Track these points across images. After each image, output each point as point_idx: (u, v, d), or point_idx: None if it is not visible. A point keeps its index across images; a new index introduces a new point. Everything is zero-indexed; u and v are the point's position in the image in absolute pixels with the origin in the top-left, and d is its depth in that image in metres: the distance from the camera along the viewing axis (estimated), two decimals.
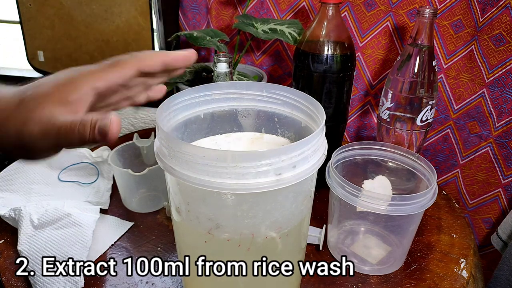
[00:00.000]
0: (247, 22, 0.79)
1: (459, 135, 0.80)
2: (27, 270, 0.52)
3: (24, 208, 0.58)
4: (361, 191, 0.51)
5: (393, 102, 0.68)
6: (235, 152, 0.34)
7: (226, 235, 0.39)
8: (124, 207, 0.68)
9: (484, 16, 0.70)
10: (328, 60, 0.63)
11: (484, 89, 0.74)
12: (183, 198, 0.40)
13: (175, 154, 0.36)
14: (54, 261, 0.52)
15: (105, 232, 0.61)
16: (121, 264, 0.56)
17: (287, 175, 0.35)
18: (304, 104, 0.45)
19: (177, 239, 0.46)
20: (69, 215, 0.58)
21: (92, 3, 0.96)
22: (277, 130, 0.50)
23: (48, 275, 0.51)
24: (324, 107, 0.43)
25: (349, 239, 0.60)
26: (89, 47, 1.01)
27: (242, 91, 0.48)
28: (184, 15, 0.91)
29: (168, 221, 0.65)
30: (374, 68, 0.84)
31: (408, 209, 0.50)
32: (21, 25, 1.01)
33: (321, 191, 0.60)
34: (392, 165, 0.61)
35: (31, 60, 1.05)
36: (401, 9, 0.78)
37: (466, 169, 0.80)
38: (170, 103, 0.44)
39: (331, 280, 0.55)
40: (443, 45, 0.77)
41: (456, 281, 0.55)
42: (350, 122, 0.91)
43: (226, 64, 0.60)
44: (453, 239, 0.63)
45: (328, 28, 0.63)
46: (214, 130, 0.50)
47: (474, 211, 0.79)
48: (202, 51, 0.96)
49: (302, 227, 0.44)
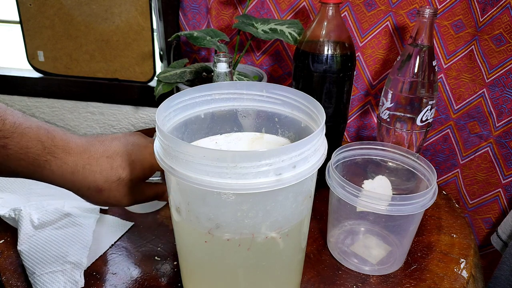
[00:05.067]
0: (247, 22, 0.79)
1: (459, 135, 0.80)
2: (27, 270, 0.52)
3: (24, 208, 0.58)
4: (361, 191, 0.51)
5: (393, 102, 0.68)
6: (235, 152, 0.34)
7: (226, 235, 0.39)
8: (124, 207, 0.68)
9: (484, 16, 0.71)
10: (328, 60, 0.63)
11: (484, 89, 0.74)
12: (183, 198, 0.40)
13: (175, 154, 0.36)
14: (54, 261, 0.52)
15: (105, 232, 0.61)
16: (121, 264, 0.56)
17: (287, 175, 0.35)
18: (304, 104, 0.45)
19: (177, 239, 0.46)
20: (69, 215, 0.58)
21: (92, 3, 0.96)
22: (277, 130, 0.50)
23: (48, 275, 0.51)
24: (324, 107, 0.43)
25: (349, 239, 0.60)
26: (89, 47, 1.01)
27: (242, 91, 0.48)
28: (184, 15, 0.91)
29: (168, 221, 0.65)
30: (374, 68, 0.84)
31: (408, 209, 0.50)
32: (21, 25, 1.01)
33: (321, 191, 0.60)
34: (392, 165, 0.61)
35: (31, 60, 1.05)
36: (401, 9, 0.78)
37: (466, 169, 0.80)
38: (170, 103, 0.44)
39: (331, 280, 0.55)
40: (443, 45, 0.77)
41: (456, 281, 0.55)
42: (350, 122, 0.91)
43: (226, 64, 0.60)
44: (453, 239, 0.63)
45: (328, 28, 0.63)
46: (214, 130, 0.50)
47: (474, 211, 0.79)
48: (202, 51, 0.96)
49: (302, 227, 0.44)
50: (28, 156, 0.40)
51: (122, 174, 0.46)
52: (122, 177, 0.46)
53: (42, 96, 1.10)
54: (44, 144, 0.41)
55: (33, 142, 0.41)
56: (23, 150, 0.40)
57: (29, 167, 0.41)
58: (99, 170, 0.45)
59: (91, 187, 0.45)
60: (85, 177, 0.44)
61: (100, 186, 0.45)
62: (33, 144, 0.40)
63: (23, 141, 0.40)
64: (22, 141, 0.40)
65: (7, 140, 0.39)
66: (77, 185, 0.44)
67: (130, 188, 0.47)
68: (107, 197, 0.46)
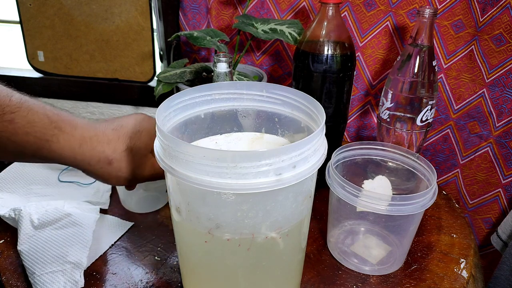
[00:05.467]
0: (247, 22, 0.79)
1: (459, 135, 0.80)
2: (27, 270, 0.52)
3: (24, 208, 0.58)
4: (361, 191, 0.51)
5: (393, 102, 0.68)
6: (235, 152, 0.34)
7: (226, 235, 0.39)
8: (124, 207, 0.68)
9: (484, 16, 0.70)
10: (328, 60, 0.63)
11: (484, 89, 0.74)
12: (183, 198, 0.40)
13: (175, 154, 0.36)
14: (54, 261, 0.52)
15: (105, 232, 0.61)
16: (121, 264, 0.56)
17: (287, 175, 0.35)
18: (304, 104, 0.45)
19: (177, 239, 0.46)
20: (69, 215, 0.58)
21: (92, 3, 0.96)
22: (277, 130, 0.50)
23: (48, 275, 0.51)
24: (324, 107, 0.43)
25: (349, 239, 0.60)
26: (89, 47, 1.01)
27: (242, 91, 0.48)
28: (184, 15, 0.91)
29: (168, 221, 0.65)
30: (374, 68, 0.84)
31: (408, 209, 0.50)
32: (21, 25, 1.01)
33: (321, 191, 0.60)
34: (392, 165, 0.61)
35: (31, 60, 1.05)
36: (401, 9, 0.78)
37: (466, 169, 0.80)
38: (170, 103, 0.44)
39: (331, 280, 0.55)
40: (443, 45, 0.77)
41: (456, 281, 0.55)
42: (350, 122, 0.91)
43: (226, 64, 0.60)
44: (453, 239, 0.63)
45: (328, 28, 0.63)
46: (214, 130, 0.50)
47: (474, 211, 0.79)
48: (202, 51, 0.96)
49: (302, 227, 0.44)
50: (35, 130, 0.41)
51: (130, 143, 0.46)
52: (130, 146, 0.46)
53: (42, 96, 1.10)
54: (50, 119, 0.42)
55: (39, 116, 0.41)
56: (30, 124, 0.40)
57: (37, 142, 0.41)
58: (107, 140, 0.45)
59: (101, 158, 0.45)
60: (93, 147, 0.44)
61: (110, 156, 0.45)
62: (40, 119, 0.41)
63: (29, 116, 0.40)
64: (29, 116, 0.40)
65: (13, 115, 0.39)
66: (87, 158, 0.44)
67: (139, 159, 0.47)
68: (118, 168, 0.46)
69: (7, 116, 0.39)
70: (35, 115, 0.41)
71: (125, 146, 0.46)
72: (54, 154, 0.43)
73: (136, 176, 0.49)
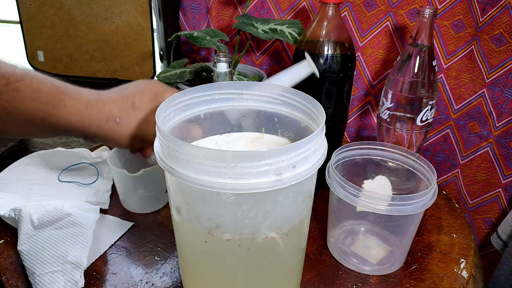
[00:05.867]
0: (247, 22, 0.79)
1: (459, 135, 0.80)
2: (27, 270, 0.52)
3: (24, 208, 0.58)
4: (361, 191, 0.51)
5: (393, 102, 0.68)
6: (235, 152, 0.34)
7: (226, 235, 0.39)
8: (124, 207, 0.68)
9: (484, 16, 0.70)
10: (328, 60, 0.63)
11: (484, 89, 0.74)
12: (183, 198, 0.40)
13: (175, 154, 0.36)
14: (54, 261, 0.52)
15: (105, 232, 0.61)
16: (121, 264, 0.56)
17: (287, 175, 0.35)
18: (304, 104, 0.45)
19: (177, 239, 0.46)
20: (69, 215, 0.58)
21: (92, 3, 0.96)
22: (277, 130, 0.50)
23: (48, 275, 0.51)
24: (324, 107, 0.43)
25: (349, 239, 0.60)
26: (89, 47, 1.01)
27: (242, 91, 0.48)
28: (184, 15, 0.91)
29: (168, 221, 0.65)
30: (374, 68, 0.84)
31: (408, 209, 0.50)
32: (21, 25, 1.02)
33: (321, 191, 0.60)
34: (392, 165, 0.61)
35: (31, 60, 1.05)
36: (401, 9, 0.78)
37: (466, 169, 0.80)
38: (170, 103, 0.44)
39: (331, 280, 0.55)
40: (443, 45, 0.77)
41: (456, 281, 0.55)
42: (350, 122, 0.91)
43: (226, 64, 0.60)
44: (453, 239, 0.63)
45: (328, 28, 0.63)
46: (214, 130, 0.50)
47: (474, 211, 0.79)
48: (202, 51, 0.96)
49: (302, 227, 0.44)
50: (42, 96, 0.41)
51: (135, 100, 0.48)
52: (135, 103, 0.48)
53: None
54: (55, 86, 0.43)
55: (45, 84, 0.42)
56: (36, 91, 0.41)
57: (44, 109, 0.42)
58: (111, 100, 0.47)
59: (109, 118, 0.46)
60: (99, 109, 0.45)
61: (117, 114, 0.46)
62: (45, 86, 0.42)
63: (34, 83, 0.41)
64: (34, 83, 0.41)
65: (18, 84, 0.40)
66: (95, 119, 0.45)
67: (145, 115, 0.48)
68: (127, 125, 0.47)
69: (12, 85, 0.40)
70: (40, 84, 0.42)
71: (130, 103, 0.48)
72: (62, 120, 0.44)
73: (145, 134, 0.50)
